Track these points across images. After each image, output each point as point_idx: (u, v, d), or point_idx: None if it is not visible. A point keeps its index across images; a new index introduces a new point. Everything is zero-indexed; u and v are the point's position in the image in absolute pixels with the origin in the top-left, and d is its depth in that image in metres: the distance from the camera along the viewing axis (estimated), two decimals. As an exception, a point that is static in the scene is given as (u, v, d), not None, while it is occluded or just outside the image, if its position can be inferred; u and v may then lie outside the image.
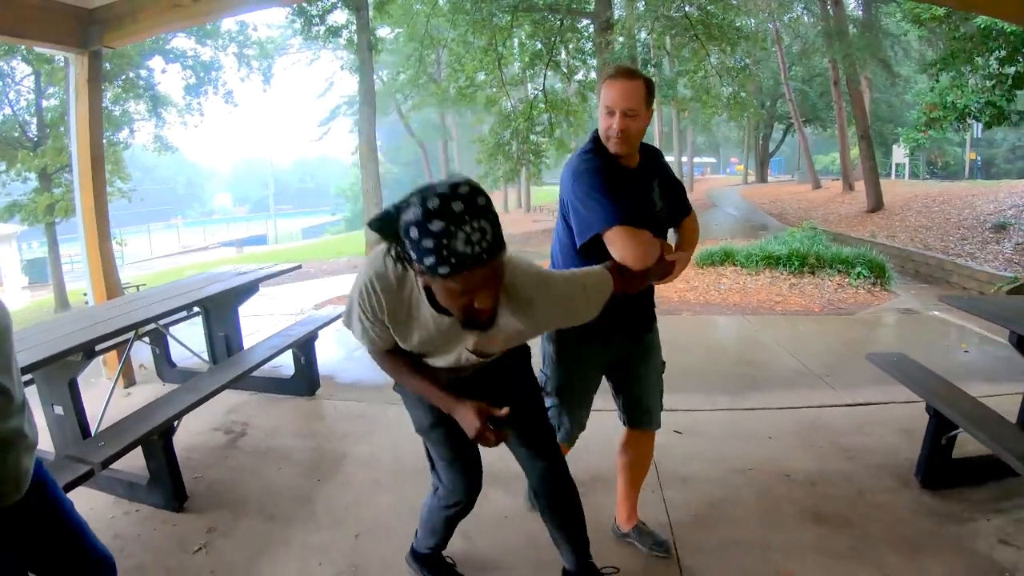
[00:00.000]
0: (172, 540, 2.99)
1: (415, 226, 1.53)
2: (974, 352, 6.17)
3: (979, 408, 3.21)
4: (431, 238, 1.52)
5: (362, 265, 1.95)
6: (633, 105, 2.30)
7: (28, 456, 1.58)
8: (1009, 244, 13.45)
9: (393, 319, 1.94)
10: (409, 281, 1.89)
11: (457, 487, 2.41)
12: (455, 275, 1.56)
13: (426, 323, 1.94)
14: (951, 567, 2.76)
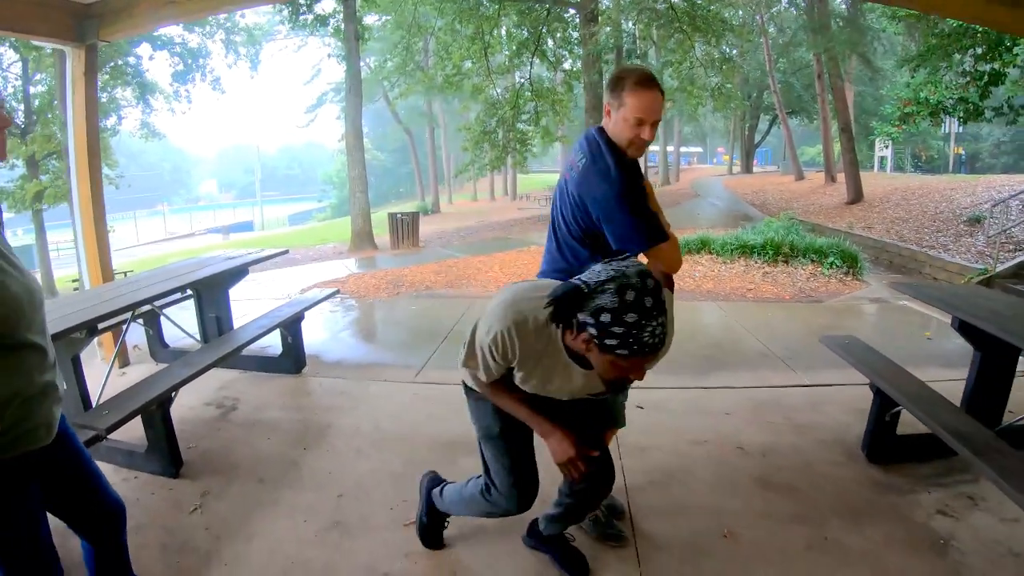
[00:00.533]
0: (169, 503, 3.23)
1: (609, 313, 1.67)
2: (937, 340, 6.47)
3: (921, 388, 3.48)
4: (622, 327, 1.67)
5: (496, 308, 2.02)
6: (659, 116, 2.43)
7: (57, 407, 1.82)
8: (982, 237, 13.73)
9: (521, 363, 2.06)
10: (548, 335, 1.99)
11: (512, 496, 2.43)
12: (631, 358, 1.72)
13: (557, 371, 2.07)
14: (890, 533, 3.02)
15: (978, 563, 2.81)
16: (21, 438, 1.68)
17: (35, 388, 1.71)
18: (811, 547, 2.92)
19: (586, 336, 1.76)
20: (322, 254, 17.72)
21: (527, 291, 2.05)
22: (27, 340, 1.68)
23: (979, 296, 4.21)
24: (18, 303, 1.64)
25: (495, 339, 2.01)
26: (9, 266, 1.67)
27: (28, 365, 1.70)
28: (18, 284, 1.66)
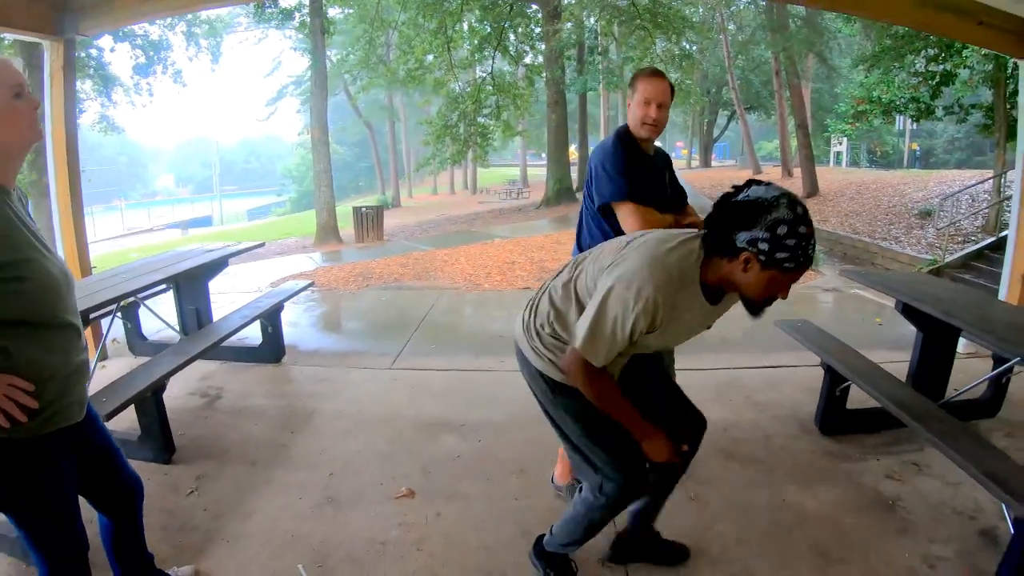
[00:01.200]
0: (166, 487, 3.36)
1: (786, 225, 1.79)
2: (887, 325, 6.81)
3: (868, 366, 3.80)
4: (795, 239, 1.79)
5: (637, 275, 1.97)
6: (664, 99, 2.86)
7: (87, 385, 1.98)
8: (932, 230, 14.22)
9: (663, 322, 2.03)
10: (692, 278, 2.02)
11: (631, 478, 2.34)
12: (795, 272, 1.86)
13: (692, 314, 2.11)
14: (841, 495, 3.32)
15: (923, 520, 3.10)
16: (58, 414, 1.82)
17: (71, 366, 1.85)
18: (770, 508, 3.20)
19: (748, 254, 1.86)
20: (286, 248, 17.73)
21: (660, 245, 2.04)
22: (65, 320, 1.83)
23: (921, 282, 4.54)
24: (58, 285, 1.79)
25: (646, 306, 1.95)
26: (46, 251, 1.80)
27: (66, 344, 1.84)
28: (56, 267, 1.80)
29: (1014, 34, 5.05)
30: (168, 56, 18.36)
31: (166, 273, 4.71)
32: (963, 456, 2.69)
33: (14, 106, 1.72)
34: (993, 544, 2.90)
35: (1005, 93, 12.97)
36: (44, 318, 1.77)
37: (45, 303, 1.76)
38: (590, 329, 2.03)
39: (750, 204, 1.87)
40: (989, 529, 3.03)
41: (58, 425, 1.83)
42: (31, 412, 1.72)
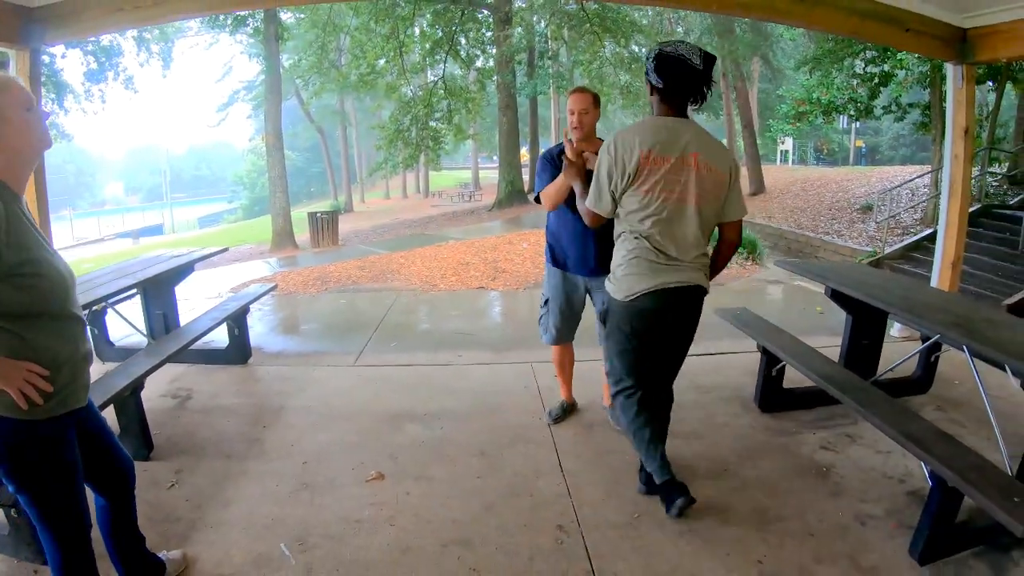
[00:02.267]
0: (146, 481, 3.46)
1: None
2: (828, 314, 7.16)
3: (802, 347, 4.13)
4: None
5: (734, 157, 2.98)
6: (584, 106, 3.59)
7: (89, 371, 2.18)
8: (873, 223, 14.76)
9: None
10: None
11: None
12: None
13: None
14: (779, 464, 3.65)
15: (855, 484, 3.43)
16: (70, 397, 2.04)
17: (80, 354, 2.07)
18: (713, 477, 3.50)
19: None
20: (242, 255, 17.66)
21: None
22: (73, 312, 2.05)
23: (851, 270, 4.89)
24: (66, 280, 2.00)
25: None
26: (52, 250, 2.03)
27: (74, 333, 2.05)
28: (62, 265, 2.02)
29: (941, 39, 5.34)
30: (120, 62, 18.08)
31: (135, 279, 4.80)
32: (884, 421, 3.00)
33: (27, 119, 1.94)
34: (920, 502, 3.11)
35: (940, 92, 13.54)
36: (56, 310, 1.97)
37: (57, 297, 1.96)
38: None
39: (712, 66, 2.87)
40: (917, 490, 3.32)
41: (69, 408, 2.05)
42: (46, 395, 1.93)
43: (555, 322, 3.98)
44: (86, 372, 2.14)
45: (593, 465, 3.65)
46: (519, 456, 3.75)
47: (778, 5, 5.12)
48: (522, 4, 19.72)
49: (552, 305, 3.97)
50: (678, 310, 3.10)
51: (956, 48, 5.39)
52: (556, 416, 4.19)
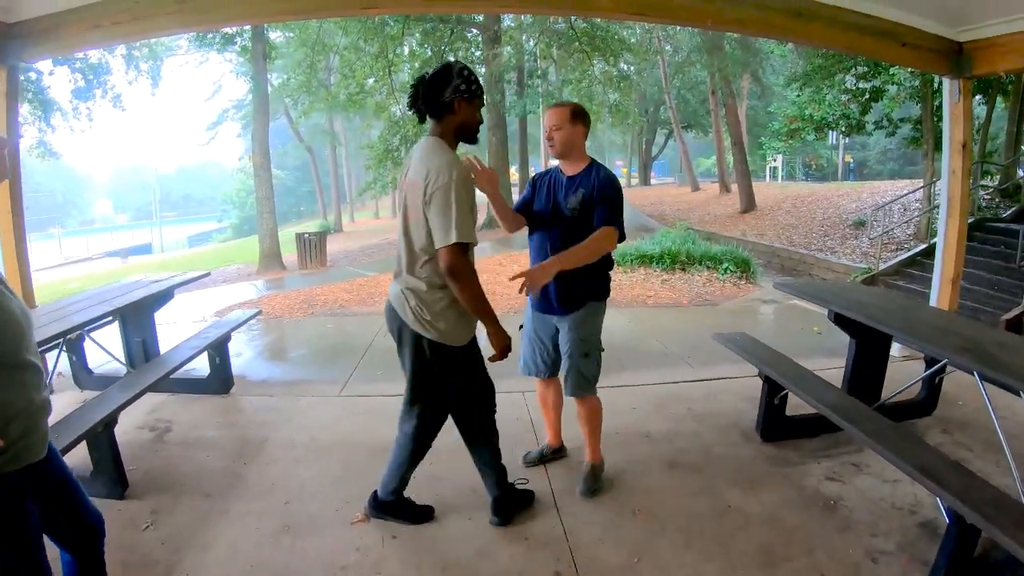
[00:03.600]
0: (122, 522, 3.31)
1: (465, 69, 2.80)
2: (825, 334, 7.05)
3: (804, 373, 4.00)
4: (473, 74, 2.80)
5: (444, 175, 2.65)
6: (556, 123, 3.34)
7: (46, 421, 1.98)
8: (866, 239, 14.71)
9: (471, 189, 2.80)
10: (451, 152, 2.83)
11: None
12: (482, 96, 2.89)
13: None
14: (785, 498, 3.50)
15: (864, 516, 3.29)
16: (23, 452, 1.83)
17: (35, 404, 1.87)
18: (716, 515, 3.34)
19: (457, 100, 2.78)
20: (229, 276, 17.46)
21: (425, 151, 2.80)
22: (27, 360, 1.84)
23: (850, 290, 4.77)
24: (20, 323, 1.81)
25: (461, 171, 2.72)
26: (5, 289, 1.82)
27: (29, 383, 1.85)
28: (16, 305, 1.82)
29: (938, 53, 5.30)
30: (108, 80, 17.91)
31: (112, 305, 4.64)
32: (896, 454, 2.86)
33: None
34: (932, 535, 3.05)
35: (932, 107, 13.55)
36: (7, 358, 1.78)
37: (7, 343, 1.77)
38: (455, 221, 2.63)
39: (435, 76, 2.78)
40: (928, 521, 3.20)
41: (23, 463, 1.84)
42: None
43: (523, 349, 3.73)
44: (43, 423, 1.94)
45: (590, 503, 3.48)
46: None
47: (774, 21, 5.04)
48: (511, 23, 19.70)
49: (524, 331, 3.73)
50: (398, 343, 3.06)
51: (952, 62, 5.34)
52: (530, 460, 3.92)
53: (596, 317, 3.49)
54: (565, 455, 4.00)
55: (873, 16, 5.02)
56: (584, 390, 3.50)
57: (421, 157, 2.79)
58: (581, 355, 3.43)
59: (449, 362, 2.95)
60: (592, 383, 3.51)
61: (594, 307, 3.46)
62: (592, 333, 3.48)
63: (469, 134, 2.93)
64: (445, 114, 2.81)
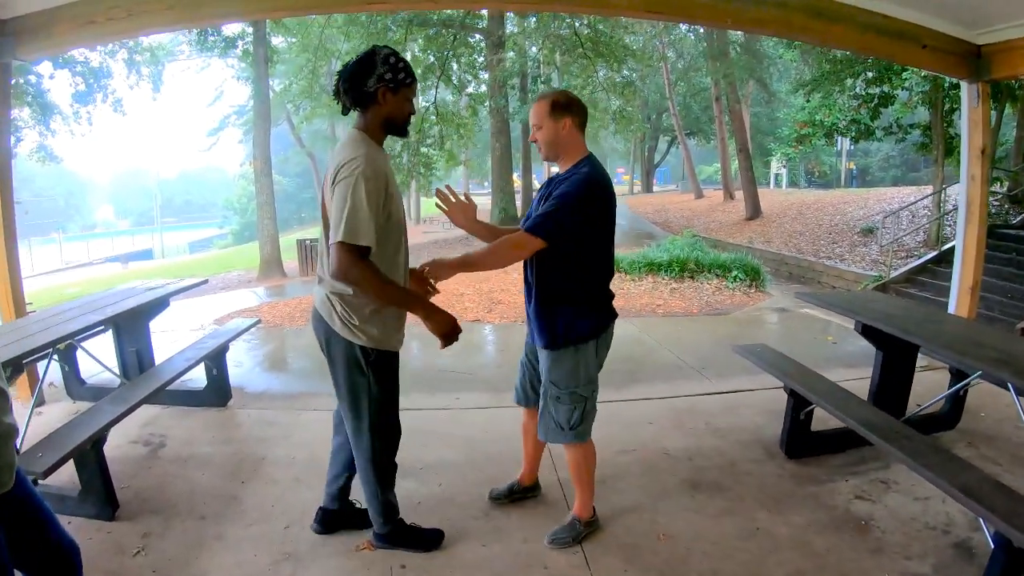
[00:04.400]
0: (110, 547, 3.13)
1: (391, 56, 2.56)
2: (840, 343, 6.90)
3: (830, 386, 3.82)
4: (401, 61, 2.58)
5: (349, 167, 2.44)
6: (535, 120, 2.92)
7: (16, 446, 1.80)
8: (875, 247, 14.58)
9: (390, 181, 2.57)
10: (374, 146, 2.61)
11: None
12: (414, 83, 2.65)
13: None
14: (814, 519, 3.30)
15: (898, 538, 3.10)
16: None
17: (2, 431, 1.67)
18: (743, 538, 3.14)
19: (382, 89, 2.55)
20: (230, 282, 17.33)
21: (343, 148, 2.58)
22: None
23: (874, 300, 4.59)
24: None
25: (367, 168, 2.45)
26: None
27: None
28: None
29: (957, 56, 5.19)
30: (108, 84, 17.81)
31: (105, 314, 4.47)
32: (936, 474, 2.70)
33: None
34: (968, 556, 2.92)
35: (942, 112, 13.38)
36: None
37: None
38: (346, 218, 2.40)
39: (357, 63, 2.57)
40: (962, 541, 3.05)
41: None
42: None
43: (518, 375, 3.39)
44: (8, 451, 1.73)
45: (611, 529, 3.26)
46: (528, 518, 3.35)
47: (794, 20, 4.93)
48: (515, 29, 19.61)
49: (522, 355, 3.36)
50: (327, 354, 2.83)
51: (971, 65, 5.23)
52: (496, 496, 3.51)
53: (572, 361, 2.95)
54: (537, 495, 3.58)
55: (892, 17, 4.91)
56: (557, 437, 3.03)
57: (337, 150, 2.60)
58: (552, 398, 2.98)
59: (384, 369, 2.75)
60: (567, 431, 2.99)
61: (569, 352, 2.94)
62: (565, 378, 2.95)
63: (398, 127, 2.69)
64: (370, 105, 2.59)
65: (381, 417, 2.79)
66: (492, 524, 3.28)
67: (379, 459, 2.84)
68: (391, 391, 2.81)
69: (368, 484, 2.88)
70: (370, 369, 2.69)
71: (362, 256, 2.44)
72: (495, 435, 4.34)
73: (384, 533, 3.00)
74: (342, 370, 2.73)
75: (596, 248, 2.92)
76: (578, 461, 3.11)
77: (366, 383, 2.71)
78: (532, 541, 3.13)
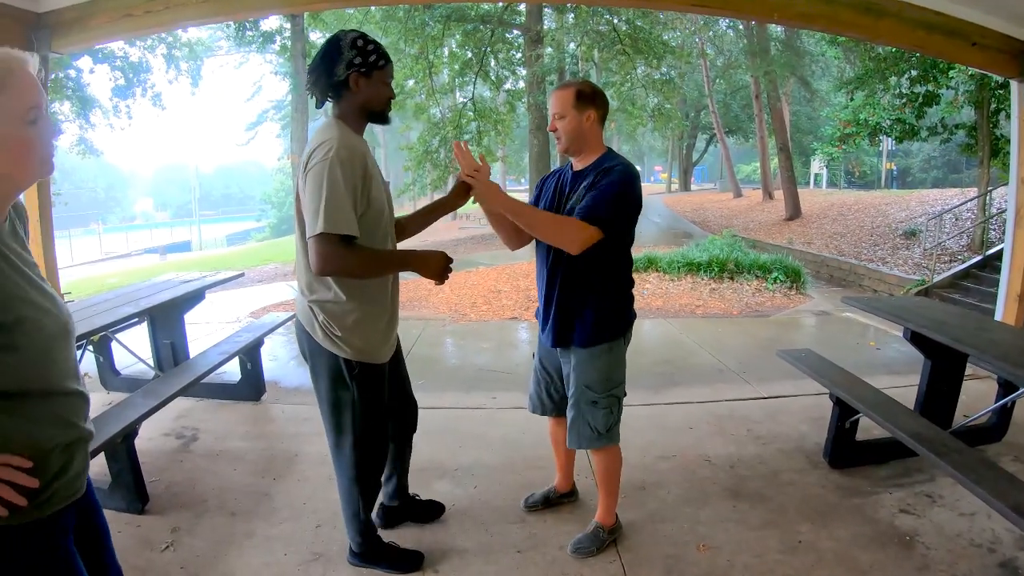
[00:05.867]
0: (138, 541, 3.11)
1: (358, 39, 2.39)
2: (882, 348, 6.73)
3: (877, 395, 3.68)
4: (371, 43, 2.41)
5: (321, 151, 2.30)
6: (557, 109, 2.75)
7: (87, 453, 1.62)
8: (918, 250, 14.27)
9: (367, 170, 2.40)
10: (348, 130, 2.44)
11: None
12: (387, 65, 2.46)
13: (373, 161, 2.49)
14: (858, 533, 3.18)
15: (943, 556, 2.97)
16: (61, 490, 1.48)
17: (73, 436, 1.51)
18: (786, 551, 3.03)
19: (354, 75, 2.39)
20: (266, 275, 17.42)
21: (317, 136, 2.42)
22: (68, 387, 1.49)
23: (923, 307, 4.43)
24: (57, 347, 1.45)
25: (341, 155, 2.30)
26: (43, 297, 1.43)
27: (69, 414, 1.50)
28: (55, 321, 1.44)
29: (1008, 54, 5.03)
30: (148, 78, 18.04)
31: (140, 306, 4.48)
32: (987, 491, 2.58)
33: (27, 137, 1.38)
34: (1012, 574, 2.81)
35: (987, 112, 13.04)
36: (43, 387, 1.42)
37: (42, 371, 1.42)
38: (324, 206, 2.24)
39: (324, 50, 2.41)
40: (1008, 560, 2.94)
41: (62, 503, 1.49)
42: (31, 493, 1.37)
43: (532, 384, 3.24)
44: (81, 456, 1.55)
45: (650, 538, 3.15)
46: (565, 524, 3.25)
47: (842, 16, 4.79)
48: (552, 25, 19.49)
49: (535, 362, 3.20)
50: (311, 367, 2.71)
51: (1022, 64, 5.06)
52: (531, 503, 3.39)
53: (605, 360, 2.85)
54: (576, 499, 3.49)
55: (942, 13, 4.76)
56: (593, 443, 2.90)
57: (310, 140, 2.44)
58: (588, 403, 2.85)
59: (368, 383, 2.59)
60: (604, 435, 2.88)
61: (603, 349, 2.83)
62: (601, 380, 2.84)
63: (377, 112, 2.52)
64: (343, 93, 2.43)
65: (366, 434, 2.63)
66: (528, 530, 3.20)
67: (363, 476, 2.70)
68: (376, 406, 2.65)
69: (349, 503, 2.75)
70: (354, 383, 2.55)
71: (344, 245, 2.29)
72: (534, 437, 4.19)
73: (361, 552, 2.86)
74: (324, 383, 2.60)
75: (628, 241, 2.82)
76: (608, 465, 3.02)
77: (350, 397, 2.56)
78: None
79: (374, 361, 2.59)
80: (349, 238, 2.29)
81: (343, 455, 2.66)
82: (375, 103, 2.49)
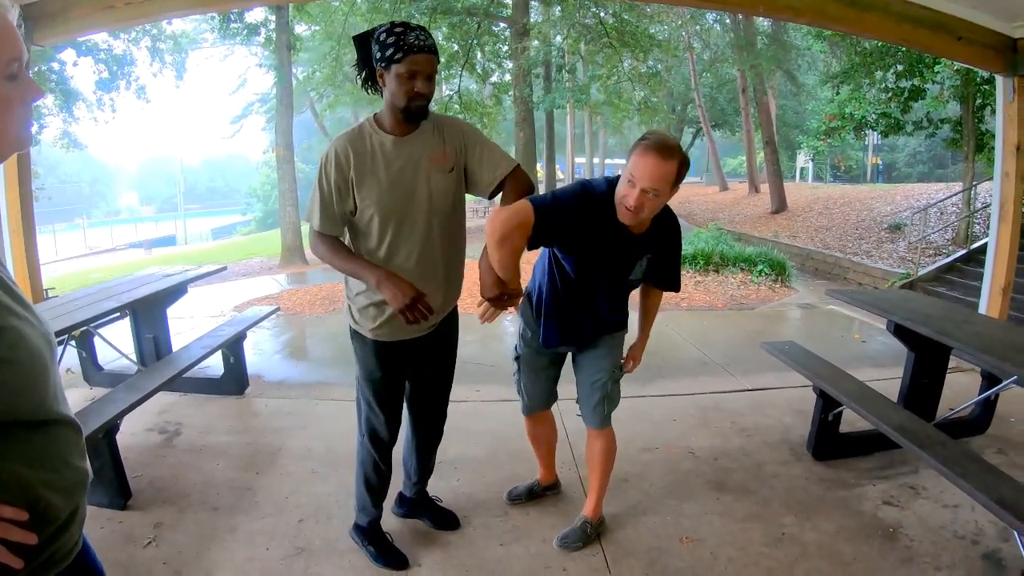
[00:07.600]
0: (121, 536, 3.08)
1: (383, 32, 2.26)
2: (867, 341, 6.76)
3: (861, 388, 3.69)
4: (392, 36, 2.23)
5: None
6: (658, 186, 2.32)
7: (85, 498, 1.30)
8: (903, 244, 14.37)
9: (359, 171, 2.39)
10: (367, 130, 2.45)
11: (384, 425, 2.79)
12: (403, 59, 2.23)
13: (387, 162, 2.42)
14: (842, 525, 3.20)
15: (927, 547, 3.00)
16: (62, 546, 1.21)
17: (70, 477, 1.21)
18: (770, 543, 3.04)
19: (378, 71, 2.33)
20: (251, 269, 17.34)
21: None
22: (55, 413, 1.19)
23: (907, 300, 4.45)
24: (41, 363, 1.14)
25: (326, 159, 2.41)
26: (21, 307, 1.15)
27: (62, 446, 1.20)
28: (36, 333, 1.15)
29: (993, 49, 5.05)
30: (132, 71, 17.88)
31: (122, 300, 4.42)
32: (971, 483, 2.60)
33: (4, 94, 1.10)
34: (998, 568, 2.86)
35: (973, 107, 13.13)
36: (27, 413, 1.12)
37: (27, 390, 1.12)
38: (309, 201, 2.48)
39: (358, 49, 2.41)
40: (992, 552, 2.97)
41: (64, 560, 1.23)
42: (28, 551, 1.10)
43: (524, 385, 3.09)
44: (83, 502, 1.27)
45: (634, 531, 3.16)
46: (548, 517, 3.26)
47: (829, 9, 4.84)
48: (539, 17, 19.48)
49: (523, 364, 3.05)
50: None
51: (1007, 58, 5.08)
52: (514, 496, 3.38)
53: (624, 337, 3.02)
54: (559, 491, 3.49)
55: (929, 8, 4.79)
56: (607, 421, 2.95)
57: None
58: (614, 382, 2.90)
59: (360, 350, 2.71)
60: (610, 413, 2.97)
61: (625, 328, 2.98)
62: (619, 356, 2.96)
63: (401, 109, 2.35)
64: (378, 88, 2.41)
65: (363, 400, 2.77)
66: (511, 523, 3.19)
67: (361, 441, 2.84)
68: (369, 374, 2.70)
69: (356, 475, 2.92)
70: (354, 346, 2.71)
71: (318, 235, 2.51)
72: (519, 430, 4.02)
73: (355, 526, 2.98)
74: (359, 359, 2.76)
75: None
76: (611, 445, 3.05)
77: (355, 360, 2.74)
78: (552, 541, 3.04)
79: (362, 333, 2.65)
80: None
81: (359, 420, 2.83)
82: (397, 98, 2.32)
